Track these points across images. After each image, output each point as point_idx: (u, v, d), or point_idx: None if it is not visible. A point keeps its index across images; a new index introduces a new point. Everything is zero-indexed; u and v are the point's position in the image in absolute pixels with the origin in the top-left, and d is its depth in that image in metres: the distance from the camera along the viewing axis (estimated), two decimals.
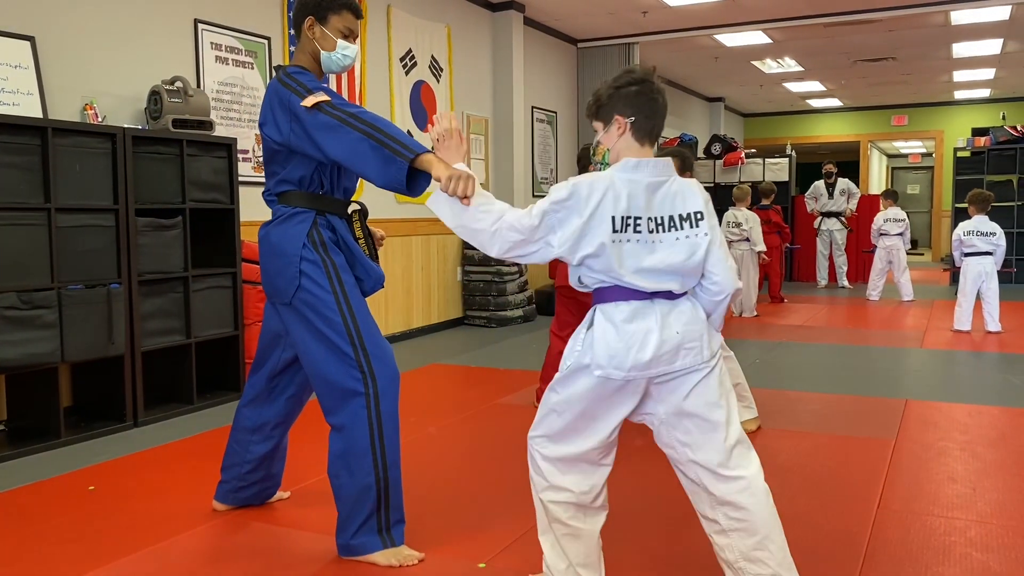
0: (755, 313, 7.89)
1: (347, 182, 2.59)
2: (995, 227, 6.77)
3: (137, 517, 2.84)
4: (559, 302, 4.30)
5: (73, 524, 2.79)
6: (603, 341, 1.93)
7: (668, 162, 2.01)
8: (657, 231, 1.95)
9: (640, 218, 1.94)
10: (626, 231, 1.93)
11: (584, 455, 2.04)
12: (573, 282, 2.04)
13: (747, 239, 7.97)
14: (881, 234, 9.04)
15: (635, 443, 3.68)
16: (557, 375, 2.03)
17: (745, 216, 8.00)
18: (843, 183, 10.38)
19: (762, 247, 8.11)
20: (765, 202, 8.90)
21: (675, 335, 1.94)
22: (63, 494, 3.10)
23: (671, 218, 1.97)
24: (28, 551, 2.57)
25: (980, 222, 6.80)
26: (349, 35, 2.55)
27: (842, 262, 10.42)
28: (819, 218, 10.43)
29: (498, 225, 1.98)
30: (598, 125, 2.06)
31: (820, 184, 10.47)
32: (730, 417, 2.00)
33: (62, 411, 3.80)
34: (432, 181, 2.18)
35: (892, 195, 9.33)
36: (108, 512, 2.90)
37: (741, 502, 1.98)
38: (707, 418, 1.98)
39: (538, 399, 4.46)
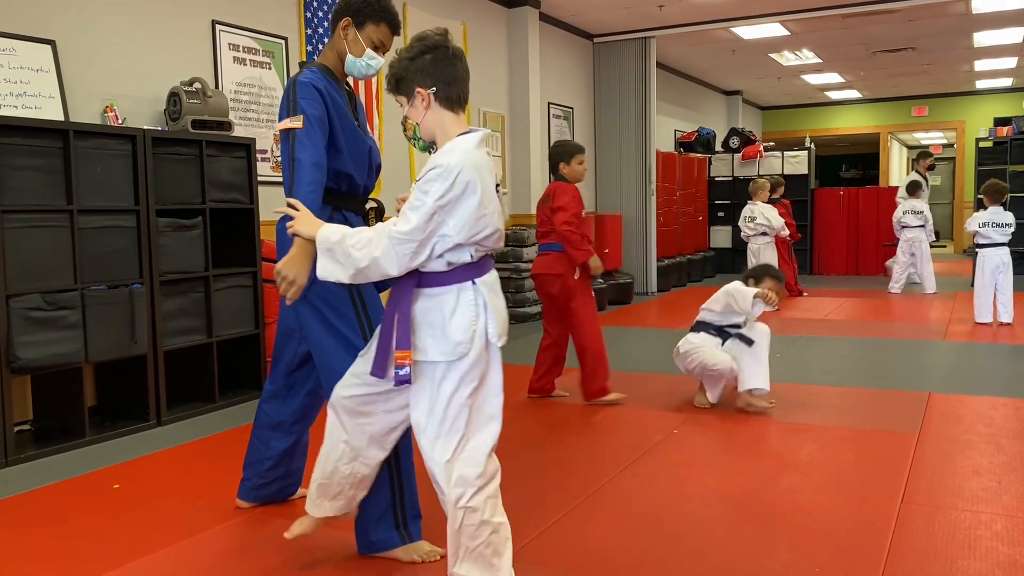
0: (775, 307, 7.82)
1: (367, 180, 2.61)
2: (1010, 217, 6.79)
3: (161, 515, 2.87)
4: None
5: (98, 522, 2.82)
6: (495, 311, 1.99)
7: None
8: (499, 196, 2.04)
9: (498, 184, 2.02)
10: (499, 200, 2.01)
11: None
12: (438, 266, 1.96)
13: (763, 233, 7.92)
14: (902, 227, 8.95)
15: (654, 439, 3.68)
16: (460, 357, 1.98)
17: (761, 210, 7.95)
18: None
19: (786, 232, 8.08)
20: (774, 196, 8.78)
21: None
22: (88, 492, 3.14)
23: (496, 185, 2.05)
24: (55, 549, 2.60)
25: (995, 213, 6.76)
26: (380, 47, 2.58)
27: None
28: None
29: (384, 246, 1.89)
30: (401, 100, 2.03)
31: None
32: None
33: (86, 411, 3.84)
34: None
35: (914, 187, 9.22)
36: (133, 510, 2.93)
37: None
38: None
39: (530, 391, 4.46)
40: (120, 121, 4.27)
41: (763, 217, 7.89)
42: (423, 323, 1.97)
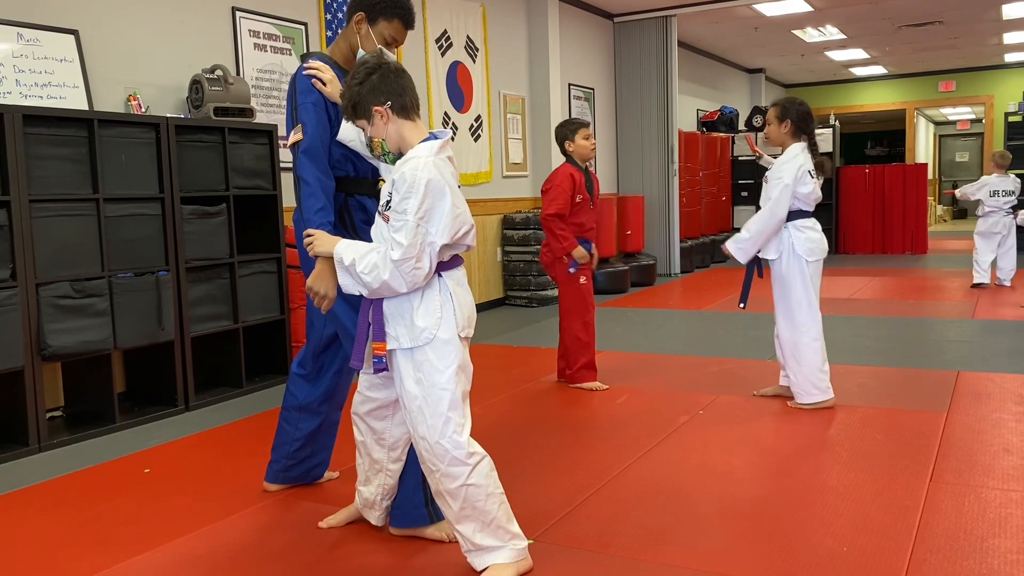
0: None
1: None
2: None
3: (191, 498, 2.91)
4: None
5: (129, 506, 2.86)
6: (460, 304, 2.17)
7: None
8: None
9: (459, 185, 2.14)
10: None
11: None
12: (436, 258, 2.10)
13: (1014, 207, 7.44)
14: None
15: (679, 420, 3.67)
16: (418, 350, 2.13)
17: (1017, 183, 7.51)
18: None
19: None
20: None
21: None
22: (119, 477, 3.19)
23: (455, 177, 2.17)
24: (87, 532, 2.65)
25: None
26: (393, 43, 2.58)
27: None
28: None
29: (390, 270, 2.03)
30: (362, 123, 2.17)
31: None
32: None
33: (116, 396, 3.90)
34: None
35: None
36: (163, 494, 2.97)
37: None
38: None
39: (560, 376, 4.41)
40: (144, 109, 4.30)
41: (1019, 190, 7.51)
42: (394, 314, 2.14)
